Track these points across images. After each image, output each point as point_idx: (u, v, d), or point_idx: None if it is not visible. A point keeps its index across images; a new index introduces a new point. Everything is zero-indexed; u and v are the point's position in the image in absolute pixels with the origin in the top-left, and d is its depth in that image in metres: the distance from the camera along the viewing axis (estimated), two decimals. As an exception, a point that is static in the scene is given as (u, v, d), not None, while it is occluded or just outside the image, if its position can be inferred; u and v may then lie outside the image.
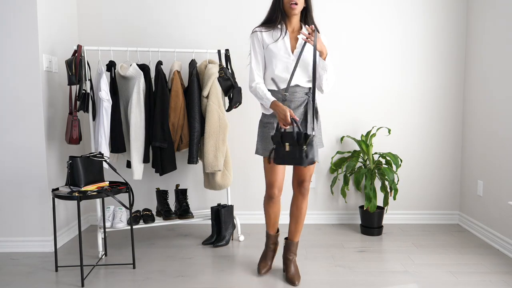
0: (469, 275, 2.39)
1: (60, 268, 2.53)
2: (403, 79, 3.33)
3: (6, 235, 2.83)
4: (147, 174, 3.28)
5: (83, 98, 2.68)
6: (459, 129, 3.35)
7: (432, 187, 3.39)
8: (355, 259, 2.66)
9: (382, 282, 2.32)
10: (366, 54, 3.31)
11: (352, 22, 3.29)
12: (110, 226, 2.80)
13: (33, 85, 2.73)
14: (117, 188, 2.45)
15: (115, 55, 3.07)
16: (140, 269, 2.52)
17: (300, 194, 2.34)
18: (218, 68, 2.86)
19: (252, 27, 3.21)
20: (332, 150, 3.37)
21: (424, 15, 3.27)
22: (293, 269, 2.35)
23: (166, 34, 3.29)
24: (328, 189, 3.41)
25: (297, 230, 2.38)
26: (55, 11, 2.93)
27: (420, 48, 3.30)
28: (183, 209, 3.02)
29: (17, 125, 2.76)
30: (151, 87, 2.84)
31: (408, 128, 3.36)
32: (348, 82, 3.33)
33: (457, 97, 3.33)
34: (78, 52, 2.63)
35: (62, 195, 2.29)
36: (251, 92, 2.23)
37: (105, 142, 2.72)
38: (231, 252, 2.80)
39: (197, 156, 2.87)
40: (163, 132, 2.79)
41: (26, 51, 2.71)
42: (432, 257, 2.68)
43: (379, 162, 3.17)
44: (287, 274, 2.35)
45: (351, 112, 3.35)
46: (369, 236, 3.09)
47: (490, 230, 2.92)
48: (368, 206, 3.05)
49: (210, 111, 2.83)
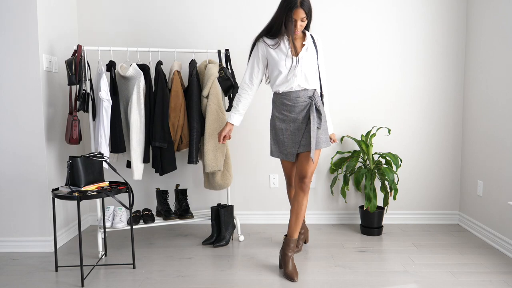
0: (469, 275, 2.39)
1: (60, 268, 2.53)
2: (403, 79, 3.32)
3: (6, 235, 2.83)
4: (147, 174, 3.29)
5: (83, 98, 2.68)
6: (459, 129, 3.35)
7: (432, 187, 3.39)
8: (355, 259, 2.66)
9: (382, 282, 2.32)
10: (366, 54, 3.31)
11: (352, 22, 3.29)
12: (110, 226, 2.80)
13: (33, 85, 2.73)
14: (117, 188, 2.45)
15: (115, 55, 3.07)
16: (140, 269, 2.52)
17: (301, 190, 2.39)
18: (218, 68, 2.86)
19: (252, 27, 3.23)
20: (332, 150, 3.37)
21: (424, 15, 3.26)
22: (291, 265, 2.38)
23: (166, 34, 3.29)
24: (328, 189, 3.41)
25: (296, 226, 2.41)
26: (55, 11, 2.93)
27: (420, 48, 3.29)
28: (183, 209, 3.02)
29: (17, 125, 2.76)
30: (151, 87, 2.84)
31: (408, 128, 3.36)
32: (348, 82, 3.33)
33: (457, 97, 3.33)
34: (78, 52, 2.63)
35: (62, 195, 2.29)
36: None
37: (105, 142, 2.72)
38: (231, 252, 2.80)
39: (197, 156, 2.87)
40: (163, 132, 2.79)
41: (26, 51, 2.71)
42: (432, 257, 2.68)
43: (379, 162, 3.17)
44: (285, 270, 2.38)
45: (351, 112, 3.35)
46: (369, 236, 3.09)
47: (490, 230, 2.92)
48: (368, 206, 3.05)
49: (210, 111, 2.83)
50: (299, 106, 2.35)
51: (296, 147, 2.38)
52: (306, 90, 2.35)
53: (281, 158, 2.48)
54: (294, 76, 2.31)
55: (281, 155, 2.45)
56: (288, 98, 2.36)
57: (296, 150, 2.38)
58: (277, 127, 2.42)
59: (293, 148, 2.39)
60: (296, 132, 2.37)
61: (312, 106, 2.32)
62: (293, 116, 2.36)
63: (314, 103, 2.33)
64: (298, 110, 2.35)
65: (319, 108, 2.35)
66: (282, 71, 2.32)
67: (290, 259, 2.39)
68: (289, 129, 2.38)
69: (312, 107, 2.32)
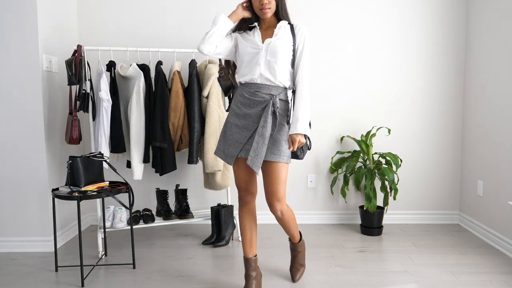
0: (469, 275, 2.39)
1: (60, 268, 2.53)
2: (403, 79, 3.33)
3: (6, 235, 2.83)
4: (147, 174, 3.28)
5: (83, 98, 2.68)
6: (459, 129, 3.35)
7: (432, 187, 3.39)
8: (355, 259, 2.66)
9: (382, 282, 2.32)
10: (366, 55, 3.31)
11: (352, 22, 3.29)
12: (110, 226, 2.80)
13: (33, 85, 2.73)
14: (117, 188, 2.45)
15: (115, 55, 3.07)
16: (140, 269, 2.52)
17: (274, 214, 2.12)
18: (218, 68, 2.86)
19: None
20: (332, 150, 3.37)
21: (424, 16, 3.26)
22: (295, 264, 2.36)
23: (166, 34, 3.29)
24: (328, 189, 3.41)
25: (293, 235, 2.28)
26: (55, 11, 2.93)
27: (420, 49, 3.29)
28: (183, 209, 3.02)
29: (17, 125, 2.76)
30: (151, 87, 2.84)
31: (408, 128, 3.36)
32: (348, 82, 3.33)
33: (457, 97, 3.33)
34: (78, 52, 2.63)
35: (62, 195, 2.29)
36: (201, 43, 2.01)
37: (105, 142, 2.72)
38: (231, 252, 2.80)
39: (197, 156, 2.87)
40: (163, 132, 2.79)
41: (26, 51, 2.70)
42: (432, 257, 2.68)
43: (379, 162, 3.17)
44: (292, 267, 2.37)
45: (351, 112, 3.35)
46: (369, 236, 3.09)
47: (490, 230, 2.92)
48: (368, 206, 3.05)
49: (210, 111, 2.83)
50: (255, 100, 2.02)
51: (238, 149, 2.03)
52: (269, 87, 2.02)
53: (222, 158, 2.11)
54: (256, 64, 2.01)
55: (222, 154, 2.10)
56: (247, 90, 2.05)
57: (237, 152, 2.03)
58: (228, 120, 2.10)
59: (235, 148, 2.04)
60: (243, 131, 2.03)
61: (268, 107, 1.98)
62: (246, 111, 2.03)
63: (273, 102, 2.00)
64: (253, 105, 2.02)
65: (276, 110, 2.00)
66: (245, 59, 2.04)
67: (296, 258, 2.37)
68: (238, 125, 2.05)
69: (268, 108, 1.98)
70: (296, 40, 2.05)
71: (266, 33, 2.08)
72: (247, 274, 2.17)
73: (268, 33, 2.07)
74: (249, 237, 2.17)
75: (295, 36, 2.05)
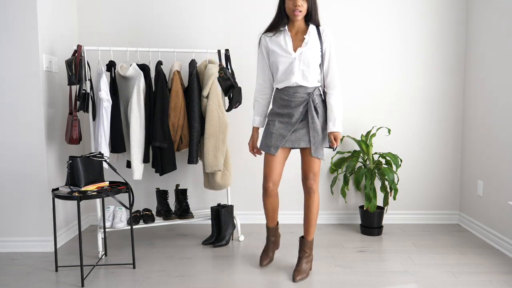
0: (469, 275, 2.39)
1: (60, 268, 2.53)
2: (403, 79, 3.32)
3: (6, 235, 2.83)
4: (147, 174, 3.28)
5: (83, 98, 2.68)
6: (459, 129, 3.35)
7: (432, 187, 3.39)
8: (355, 259, 2.66)
9: (382, 282, 2.32)
10: (366, 54, 3.31)
11: (352, 22, 3.29)
12: (110, 226, 2.80)
13: (33, 85, 2.73)
14: (117, 188, 2.45)
15: (115, 55, 3.07)
16: (140, 269, 2.52)
17: (306, 192, 2.39)
18: (218, 68, 2.86)
19: (252, 27, 3.23)
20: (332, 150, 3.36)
21: (424, 15, 3.26)
22: (300, 266, 2.38)
23: (166, 34, 3.29)
24: (328, 189, 3.41)
25: (308, 229, 2.41)
26: (55, 11, 2.93)
27: (420, 48, 3.29)
28: (183, 209, 3.02)
29: (17, 125, 2.76)
30: (151, 87, 2.84)
31: (408, 128, 3.36)
32: (348, 82, 3.33)
33: (457, 97, 3.33)
34: (78, 52, 2.63)
35: (62, 195, 2.29)
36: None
37: (105, 142, 2.72)
38: (231, 252, 2.80)
39: (197, 156, 2.87)
40: (163, 132, 2.79)
41: (26, 51, 2.71)
42: (432, 257, 2.68)
43: (379, 162, 3.17)
44: (295, 268, 2.39)
45: (351, 112, 3.35)
46: (369, 236, 3.09)
47: (490, 230, 2.92)
48: (368, 206, 3.05)
49: (210, 111, 2.83)
50: (295, 101, 2.27)
51: (282, 141, 2.29)
52: (305, 87, 2.27)
53: (265, 151, 2.36)
54: (291, 73, 2.25)
55: (265, 148, 2.35)
56: (286, 93, 2.29)
57: (282, 144, 2.30)
58: (270, 119, 2.36)
59: (278, 141, 2.30)
60: (287, 126, 2.29)
61: (310, 104, 2.26)
62: (289, 111, 2.29)
63: (311, 99, 2.26)
64: (294, 105, 2.27)
65: (317, 106, 2.28)
66: (280, 67, 2.27)
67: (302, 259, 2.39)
68: (282, 122, 2.31)
69: (310, 105, 2.26)
70: (323, 45, 2.27)
71: (296, 38, 2.27)
72: (268, 237, 2.55)
73: (297, 38, 2.27)
74: (271, 215, 2.49)
75: (322, 41, 2.27)
